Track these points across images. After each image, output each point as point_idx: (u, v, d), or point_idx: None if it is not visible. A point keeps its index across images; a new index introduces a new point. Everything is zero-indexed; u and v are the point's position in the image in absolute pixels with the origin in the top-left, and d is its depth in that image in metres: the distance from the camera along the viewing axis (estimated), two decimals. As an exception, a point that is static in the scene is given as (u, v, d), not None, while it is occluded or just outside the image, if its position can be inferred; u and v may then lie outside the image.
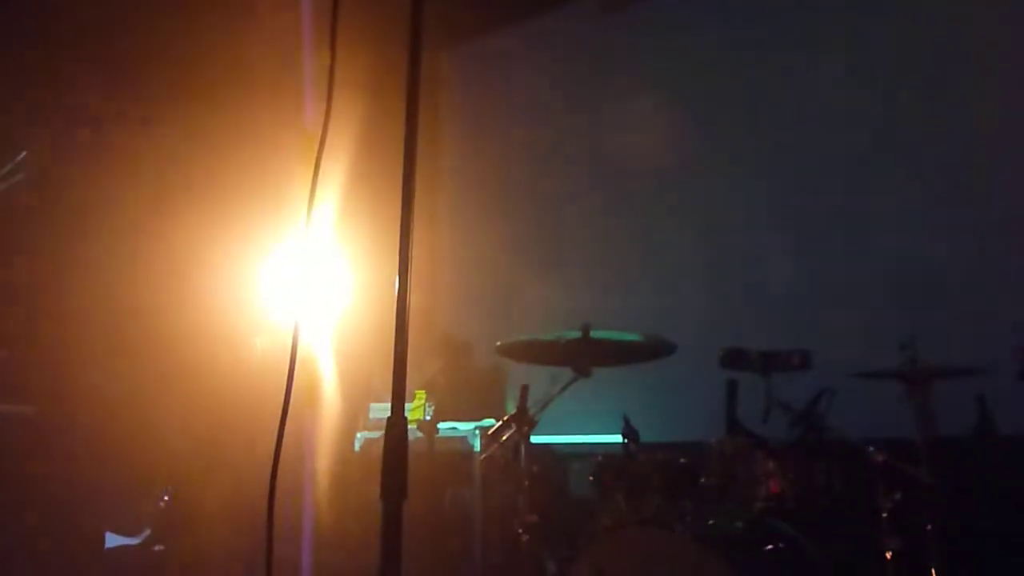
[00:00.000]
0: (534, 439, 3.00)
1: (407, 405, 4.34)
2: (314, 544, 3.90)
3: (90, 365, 3.93)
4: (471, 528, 3.83)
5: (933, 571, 2.67)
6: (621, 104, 4.76)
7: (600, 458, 3.05)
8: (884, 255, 3.88)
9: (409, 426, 4.25)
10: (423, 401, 4.06)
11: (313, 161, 1.58)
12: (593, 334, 2.99)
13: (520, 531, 2.90)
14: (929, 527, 2.72)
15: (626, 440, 2.95)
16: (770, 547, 2.67)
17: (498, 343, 3.24)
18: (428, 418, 4.02)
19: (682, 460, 2.90)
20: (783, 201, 4.23)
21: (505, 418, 3.02)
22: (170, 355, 4.06)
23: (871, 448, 2.68)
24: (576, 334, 3.00)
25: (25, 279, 3.83)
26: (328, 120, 1.57)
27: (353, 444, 4.23)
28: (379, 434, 1.34)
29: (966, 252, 3.66)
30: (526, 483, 2.94)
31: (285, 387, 1.46)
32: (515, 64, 5.33)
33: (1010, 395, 3.09)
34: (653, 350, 3.17)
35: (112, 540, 4.07)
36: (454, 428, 4.01)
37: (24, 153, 3.58)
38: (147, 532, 4.12)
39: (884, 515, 2.64)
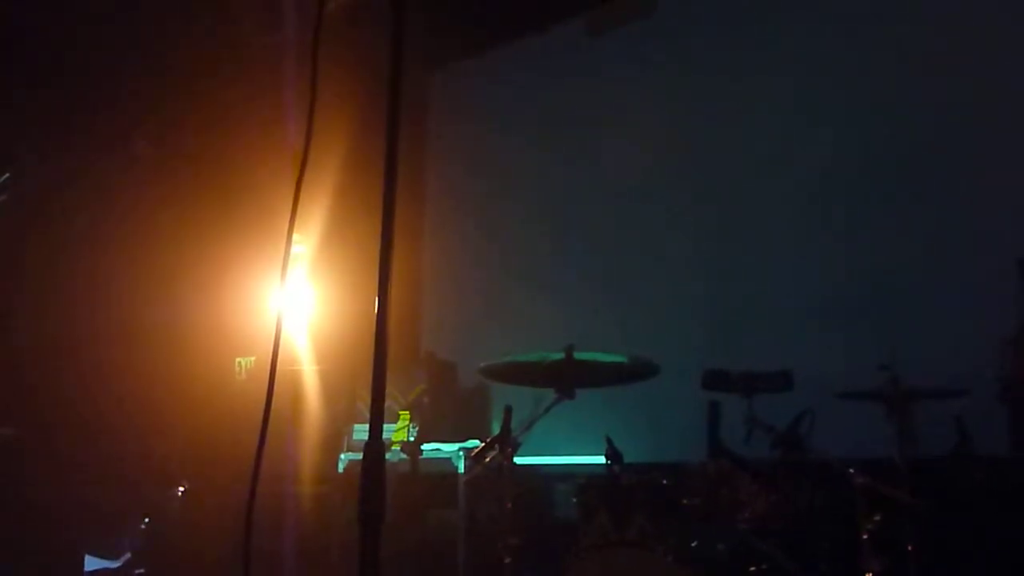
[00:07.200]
0: (518, 460, 3.00)
1: (391, 426, 4.31)
2: (297, 565, 3.87)
3: (70, 388, 3.90)
4: (454, 549, 3.81)
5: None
6: (606, 125, 4.81)
7: (583, 479, 3.05)
8: (864, 275, 3.92)
9: (393, 447, 4.20)
10: (407, 422, 4.05)
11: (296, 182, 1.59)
12: (576, 355, 3.00)
13: (503, 552, 2.89)
14: (910, 547, 2.73)
15: (609, 461, 2.96)
16: (753, 568, 2.68)
17: (482, 364, 3.25)
18: (412, 439, 4.00)
19: (665, 481, 2.90)
20: (765, 222, 4.27)
21: (489, 439, 3.03)
22: (152, 377, 4.04)
23: (852, 469, 2.69)
24: (559, 355, 3.01)
25: (5, 301, 3.81)
26: (309, 140, 1.59)
27: (337, 465, 4.21)
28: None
29: (947, 272, 3.70)
30: (509, 504, 2.93)
31: (264, 407, 1.46)
32: (501, 85, 5.38)
33: (989, 416, 3.12)
34: (636, 372, 3.18)
35: (92, 563, 4.02)
36: (438, 449, 4.00)
37: (7, 175, 3.58)
38: (127, 555, 4.08)
39: (865, 536, 2.65)
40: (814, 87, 4.20)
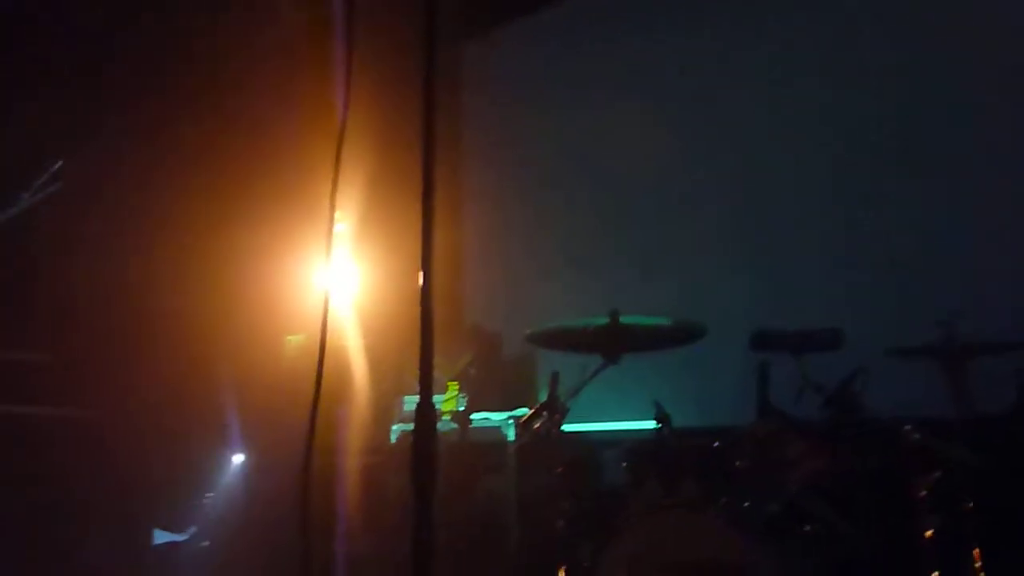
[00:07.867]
0: (566, 427, 3.01)
1: (440, 396, 4.37)
2: (352, 535, 3.96)
3: (133, 367, 4.03)
4: (506, 516, 3.87)
5: (976, 551, 2.62)
6: (643, 90, 4.73)
7: (633, 444, 3.05)
8: (917, 228, 3.82)
9: (443, 417, 4.25)
10: (456, 392, 4.09)
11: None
12: (622, 320, 2.99)
13: (555, 517, 2.91)
14: (969, 506, 2.67)
15: (658, 425, 2.95)
16: (806, 528, 2.66)
17: (527, 331, 3.25)
18: (461, 409, 4.05)
19: (715, 444, 2.89)
20: (812, 176, 4.18)
21: (537, 406, 3.04)
22: (208, 355, 4.14)
23: (907, 427, 2.64)
24: (605, 320, 3.00)
25: (67, 284, 3.93)
26: (347, 113, 1.60)
27: (389, 436, 4.28)
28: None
29: (1002, 223, 3.58)
30: (559, 471, 2.95)
31: (315, 383, 1.49)
32: (536, 55, 5.32)
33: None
34: (683, 334, 3.16)
35: (160, 536, 4.19)
36: (487, 418, 4.04)
37: (60, 163, 3.67)
38: (193, 528, 4.23)
39: (922, 494, 2.61)
40: (854, 46, 4.07)
